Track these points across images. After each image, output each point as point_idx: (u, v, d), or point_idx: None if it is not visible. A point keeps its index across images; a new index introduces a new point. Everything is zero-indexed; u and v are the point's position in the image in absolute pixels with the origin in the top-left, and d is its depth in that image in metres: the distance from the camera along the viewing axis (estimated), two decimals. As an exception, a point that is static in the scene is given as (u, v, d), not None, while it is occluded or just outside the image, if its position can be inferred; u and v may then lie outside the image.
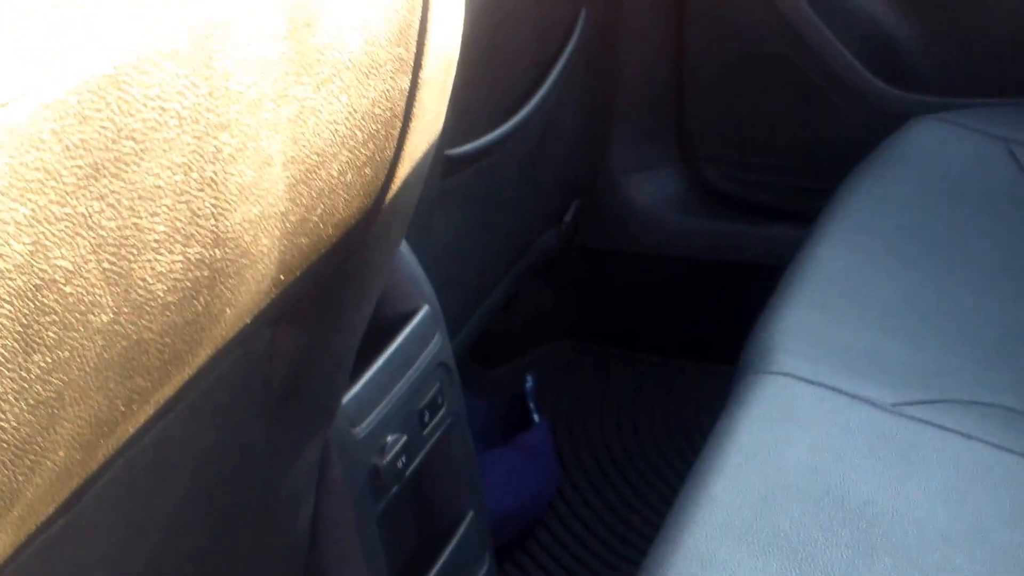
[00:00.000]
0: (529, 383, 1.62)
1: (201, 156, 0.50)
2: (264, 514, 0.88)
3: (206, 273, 0.54)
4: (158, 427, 0.64)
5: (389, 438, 0.99)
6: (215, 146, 0.51)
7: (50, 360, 0.47)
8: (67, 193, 0.44)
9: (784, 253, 1.25)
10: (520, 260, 1.60)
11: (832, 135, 1.59)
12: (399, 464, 1.00)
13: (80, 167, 0.44)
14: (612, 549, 1.51)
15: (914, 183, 1.30)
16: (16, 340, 0.44)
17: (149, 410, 0.59)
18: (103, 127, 0.45)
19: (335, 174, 0.61)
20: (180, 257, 0.51)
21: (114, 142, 0.46)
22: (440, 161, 1.23)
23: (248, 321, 0.64)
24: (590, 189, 1.72)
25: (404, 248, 1.06)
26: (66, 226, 0.45)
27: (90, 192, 0.45)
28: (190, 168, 0.50)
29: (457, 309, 1.35)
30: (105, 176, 0.46)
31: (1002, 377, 1.05)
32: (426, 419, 1.05)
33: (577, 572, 1.49)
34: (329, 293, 0.74)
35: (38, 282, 0.44)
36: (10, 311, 0.44)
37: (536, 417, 1.59)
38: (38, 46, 0.43)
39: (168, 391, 0.60)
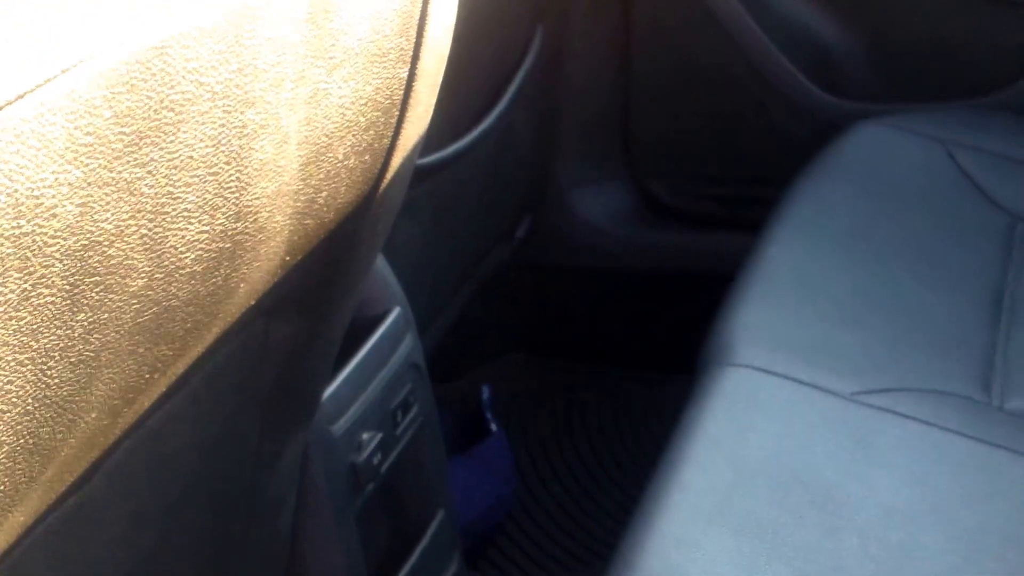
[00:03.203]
0: (485, 394, 1.64)
1: (229, 130, 0.53)
2: (253, 512, 0.89)
3: (228, 245, 0.56)
4: (160, 412, 0.66)
5: (365, 435, 1.01)
6: (242, 121, 0.53)
7: (92, 320, 0.49)
8: (114, 158, 0.47)
9: (730, 261, 1.29)
10: (474, 274, 1.63)
11: (775, 144, 1.64)
12: (375, 461, 1.02)
13: (126, 134, 0.47)
14: (570, 553, 1.54)
15: (858, 185, 1.35)
16: (64, 298, 0.46)
17: (163, 384, 0.61)
18: (148, 96, 0.47)
19: (340, 157, 0.64)
20: (207, 228, 0.54)
21: (156, 112, 0.48)
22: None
23: (253, 302, 0.66)
24: (541, 204, 1.76)
25: (376, 252, 1.09)
26: (111, 190, 0.47)
27: (133, 159, 0.48)
28: (219, 141, 0.52)
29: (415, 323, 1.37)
30: (147, 144, 0.48)
31: (948, 366, 1.10)
32: (399, 418, 1.07)
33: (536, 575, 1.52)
34: (321, 282, 0.77)
35: (85, 243, 0.47)
36: (60, 269, 0.46)
37: (493, 427, 1.62)
38: (92, 17, 0.45)
39: (182, 366, 0.62)
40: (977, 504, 0.94)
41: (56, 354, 0.47)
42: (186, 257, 0.53)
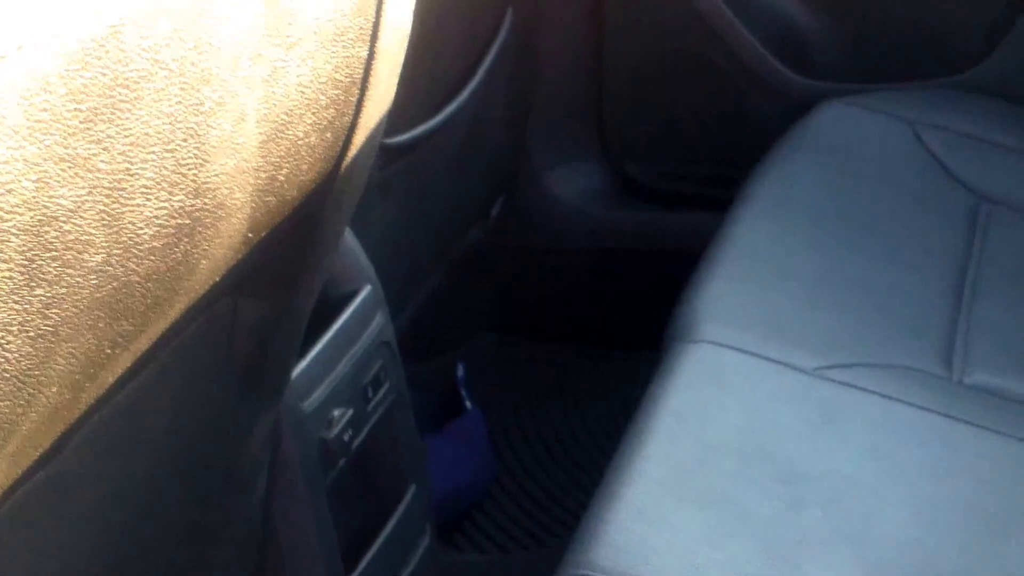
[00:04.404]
0: (460, 372, 1.66)
1: (186, 107, 0.54)
2: (226, 489, 0.90)
3: (187, 221, 0.57)
4: (130, 388, 0.67)
5: (335, 412, 1.03)
6: (198, 99, 0.54)
7: (50, 294, 0.50)
8: (69, 135, 0.48)
9: (702, 239, 1.31)
10: (448, 254, 1.64)
11: (744, 123, 1.66)
12: (345, 437, 1.04)
13: (81, 111, 0.48)
14: (545, 527, 1.56)
15: (825, 163, 1.37)
16: (21, 273, 0.47)
17: (128, 360, 0.62)
18: (103, 74, 0.48)
19: (300, 135, 0.65)
20: (165, 204, 0.55)
21: (111, 89, 0.49)
22: (378, 151, 1.27)
23: (217, 279, 0.67)
24: (515, 184, 1.77)
25: (347, 231, 1.10)
26: (67, 166, 0.48)
27: (89, 135, 0.49)
28: (176, 118, 0.53)
29: (389, 303, 1.38)
30: (103, 121, 0.49)
31: (911, 341, 1.12)
32: (370, 395, 1.08)
33: (514, 552, 1.53)
34: (287, 260, 0.78)
35: (42, 218, 0.47)
36: (17, 244, 0.47)
37: (468, 404, 1.63)
38: (45, -5, 0.46)
39: (145, 342, 0.63)
40: (937, 476, 0.96)
41: (14, 328, 0.48)
42: (144, 233, 0.54)
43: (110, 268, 0.53)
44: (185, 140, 0.54)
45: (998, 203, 1.34)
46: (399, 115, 1.32)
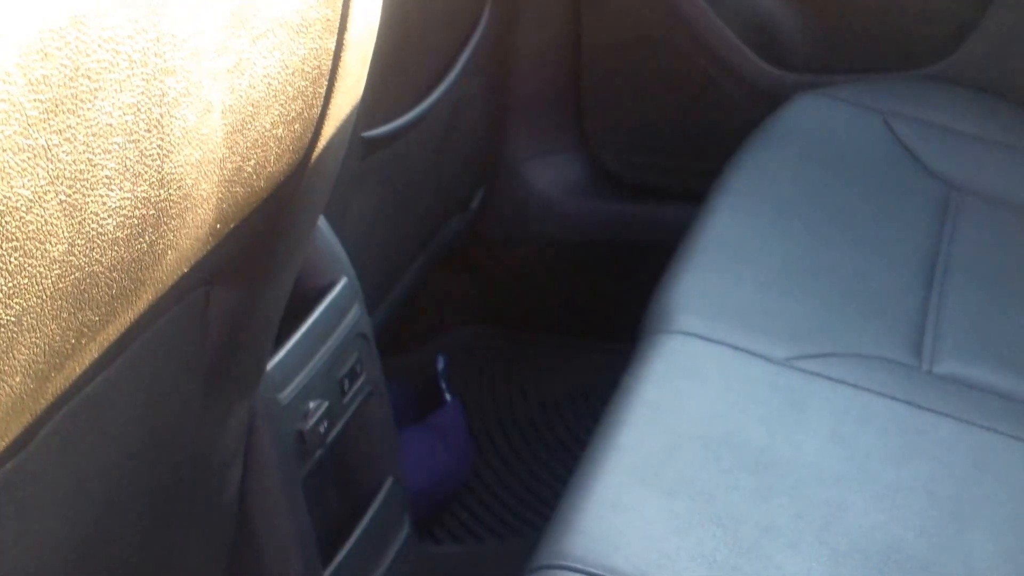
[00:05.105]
0: (440, 364, 1.66)
1: (149, 98, 0.54)
2: (198, 479, 0.91)
3: (152, 212, 0.58)
4: (101, 378, 0.67)
5: (311, 404, 1.03)
6: (161, 90, 0.55)
7: (11, 285, 0.50)
8: (29, 125, 0.48)
9: (676, 231, 1.31)
10: (427, 246, 1.64)
11: (719, 116, 1.67)
12: (321, 429, 1.04)
13: (41, 101, 0.48)
14: (524, 519, 1.57)
15: (798, 154, 1.38)
16: (-18, 263, 0.48)
17: (95, 351, 0.63)
18: (63, 64, 0.48)
19: (268, 126, 0.66)
20: (129, 194, 0.55)
21: (72, 79, 0.49)
22: (357, 143, 1.27)
23: (186, 270, 0.67)
24: (494, 176, 1.77)
25: (323, 223, 1.10)
26: (28, 157, 0.48)
27: (50, 126, 0.49)
28: (139, 109, 0.54)
29: (369, 295, 1.39)
30: (63, 111, 0.49)
31: (880, 331, 1.13)
32: (346, 387, 1.09)
33: (489, 541, 1.54)
34: (259, 251, 0.78)
35: (2, 208, 0.48)
36: (-23, 235, 0.47)
37: (448, 396, 1.64)
38: (4, -13, 0.46)
39: (113, 332, 0.63)
40: (902, 464, 0.97)
41: (-25, 317, 0.49)
42: (108, 223, 0.55)
43: (73, 258, 0.53)
44: (148, 131, 0.55)
45: (968, 193, 1.36)
46: (378, 107, 1.33)
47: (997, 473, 0.96)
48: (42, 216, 0.50)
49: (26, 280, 0.51)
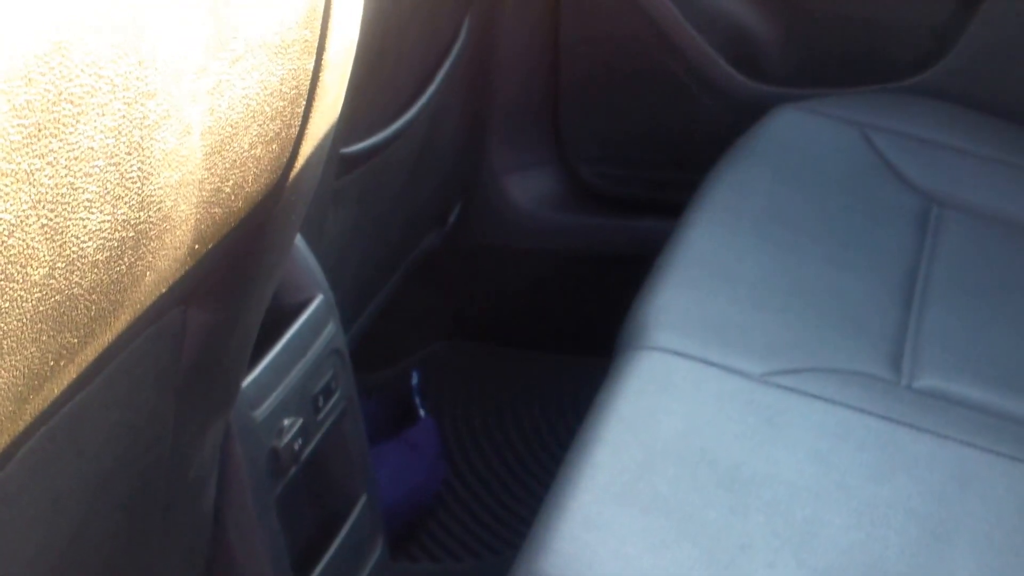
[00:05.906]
0: (415, 379, 1.66)
1: (130, 121, 0.54)
2: (173, 496, 0.91)
3: (131, 234, 0.58)
4: (78, 398, 0.67)
5: (286, 421, 1.03)
6: (143, 113, 0.55)
7: (-8, 309, 0.50)
8: (13, 150, 0.48)
9: (655, 244, 1.32)
10: (406, 261, 1.64)
11: (697, 129, 1.67)
12: (296, 446, 1.04)
13: (25, 126, 0.48)
14: (499, 537, 1.56)
15: (777, 168, 1.38)
16: (-37, 287, 0.48)
17: (73, 372, 0.62)
18: (46, 89, 0.48)
19: (246, 147, 0.66)
20: (109, 217, 0.55)
21: (55, 104, 0.49)
22: (335, 160, 1.27)
23: (164, 290, 0.67)
24: (472, 190, 1.78)
25: (299, 240, 1.10)
26: (10, 181, 0.48)
27: (32, 150, 0.49)
28: (120, 132, 0.54)
29: (345, 311, 1.39)
30: (46, 136, 0.49)
31: (859, 346, 1.13)
32: (320, 404, 1.08)
33: (465, 559, 1.54)
34: (236, 271, 0.78)
35: (-16, 233, 0.48)
36: (-42, 259, 0.47)
37: (422, 412, 1.63)
38: (-13, 11, 0.46)
39: (91, 354, 0.63)
40: (880, 480, 0.97)
41: (-44, 341, 0.49)
42: (88, 246, 0.54)
43: (53, 281, 0.53)
44: (129, 153, 0.55)
45: (948, 206, 1.36)
46: (355, 124, 1.33)
47: (977, 489, 0.97)
48: (23, 240, 0.50)
49: (7, 303, 0.51)
